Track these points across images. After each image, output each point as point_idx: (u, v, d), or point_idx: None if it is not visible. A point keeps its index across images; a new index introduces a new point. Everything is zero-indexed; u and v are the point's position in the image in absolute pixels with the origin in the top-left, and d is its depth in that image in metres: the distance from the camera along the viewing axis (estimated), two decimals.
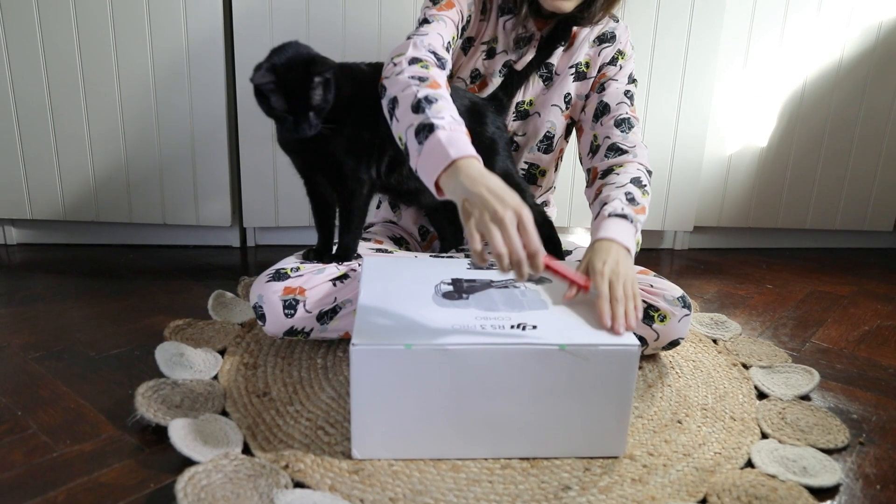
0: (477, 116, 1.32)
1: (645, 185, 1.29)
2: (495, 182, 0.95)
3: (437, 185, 1.01)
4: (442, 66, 1.20)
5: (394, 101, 1.11)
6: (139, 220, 1.93)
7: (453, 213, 1.48)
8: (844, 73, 2.11)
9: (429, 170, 1.02)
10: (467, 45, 1.41)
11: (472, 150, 1.01)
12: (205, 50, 1.81)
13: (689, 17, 1.94)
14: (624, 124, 1.37)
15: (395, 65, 1.16)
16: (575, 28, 1.40)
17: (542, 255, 0.92)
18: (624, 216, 1.19)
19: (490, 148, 1.32)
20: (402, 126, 1.09)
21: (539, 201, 1.55)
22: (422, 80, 1.11)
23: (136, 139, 1.86)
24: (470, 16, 1.36)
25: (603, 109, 1.40)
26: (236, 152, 1.93)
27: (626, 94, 1.40)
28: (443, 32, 1.25)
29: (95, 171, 1.87)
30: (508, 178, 1.31)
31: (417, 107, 1.06)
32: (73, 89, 1.80)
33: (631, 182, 1.27)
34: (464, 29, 1.36)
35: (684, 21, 1.95)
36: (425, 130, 1.03)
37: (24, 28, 1.73)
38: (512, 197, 0.93)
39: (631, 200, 1.23)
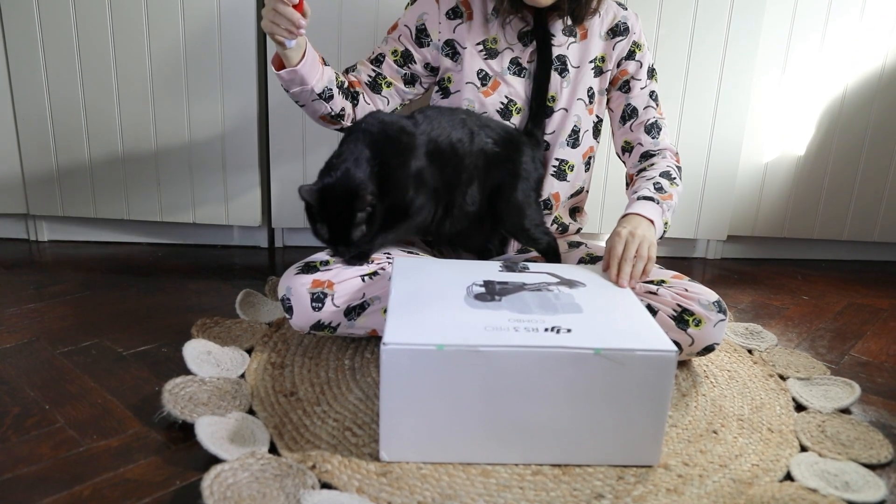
0: (514, 145, 1.34)
1: (674, 178, 1.37)
2: None
3: None
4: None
5: None
6: (169, 218, 1.94)
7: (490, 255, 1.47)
8: (887, 81, 2.05)
9: None
10: (450, 51, 1.39)
11: None
12: (237, 47, 1.81)
13: (727, 21, 1.91)
14: (654, 129, 1.44)
15: None
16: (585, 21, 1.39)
17: None
18: (650, 198, 1.29)
19: (519, 175, 1.34)
20: None
21: (570, 207, 1.52)
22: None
23: (166, 138, 1.87)
24: (422, 25, 1.38)
25: (631, 113, 1.45)
26: (266, 152, 1.93)
27: (651, 97, 1.46)
28: (384, 50, 1.40)
29: (126, 170, 1.88)
30: (526, 203, 1.34)
31: None
32: (106, 87, 1.81)
33: (660, 175, 1.36)
34: (420, 38, 1.39)
35: (722, 25, 1.91)
36: None
37: (59, 25, 1.75)
38: None
39: (658, 189, 1.32)
